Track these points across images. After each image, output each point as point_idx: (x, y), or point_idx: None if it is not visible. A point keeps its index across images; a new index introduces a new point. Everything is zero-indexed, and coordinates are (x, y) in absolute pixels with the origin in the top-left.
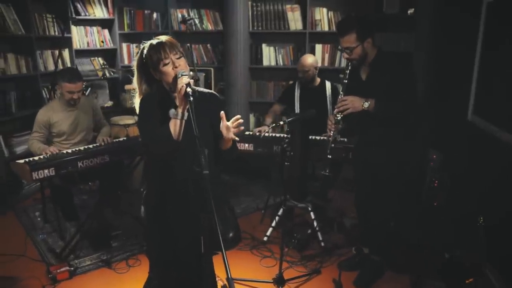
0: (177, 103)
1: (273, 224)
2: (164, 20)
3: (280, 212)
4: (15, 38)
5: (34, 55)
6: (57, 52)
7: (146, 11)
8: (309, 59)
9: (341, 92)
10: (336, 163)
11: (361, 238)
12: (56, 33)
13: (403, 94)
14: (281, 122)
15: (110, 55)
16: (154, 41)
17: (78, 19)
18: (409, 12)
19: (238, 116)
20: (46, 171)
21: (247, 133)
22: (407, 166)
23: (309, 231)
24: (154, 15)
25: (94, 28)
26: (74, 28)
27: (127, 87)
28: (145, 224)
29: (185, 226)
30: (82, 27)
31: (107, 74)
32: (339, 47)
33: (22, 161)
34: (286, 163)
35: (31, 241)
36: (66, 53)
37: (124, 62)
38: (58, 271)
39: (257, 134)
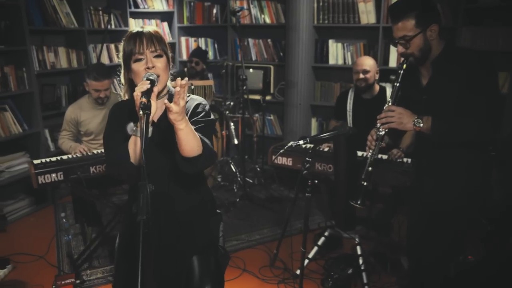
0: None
1: (311, 254)
2: (224, 12)
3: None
4: (67, 31)
5: (86, 48)
6: (112, 46)
7: (206, 3)
8: (370, 59)
9: (388, 99)
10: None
11: None
12: (113, 26)
13: (479, 107)
14: (301, 142)
15: None
16: (135, 30)
17: (137, 12)
18: None
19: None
20: (53, 175)
21: (292, 143)
22: (483, 202)
23: (350, 270)
24: (215, 7)
25: (153, 21)
26: (132, 21)
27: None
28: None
29: (155, 269)
30: (140, 20)
31: None
32: (392, 39)
33: (38, 161)
34: (307, 194)
35: (57, 242)
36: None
37: (183, 57)
38: (63, 282)
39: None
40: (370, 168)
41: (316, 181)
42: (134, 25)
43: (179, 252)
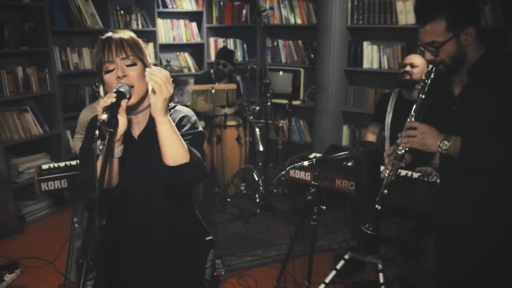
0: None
1: (328, 279)
2: (254, 12)
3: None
4: (93, 32)
5: None
6: None
7: (235, 3)
8: (421, 58)
9: (411, 113)
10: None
11: None
12: (140, 26)
13: None
14: (306, 163)
15: (197, 50)
16: (105, 35)
17: (165, 11)
18: None
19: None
20: (57, 182)
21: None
22: None
23: None
24: (245, 7)
25: (181, 21)
26: (159, 21)
27: (189, 87)
28: None
29: None
30: (168, 20)
31: (193, 70)
32: (419, 43)
33: (46, 166)
34: (313, 222)
35: (68, 247)
36: (150, 47)
37: (211, 58)
38: None
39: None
40: (386, 191)
41: (324, 207)
42: (162, 26)
43: (159, 284)
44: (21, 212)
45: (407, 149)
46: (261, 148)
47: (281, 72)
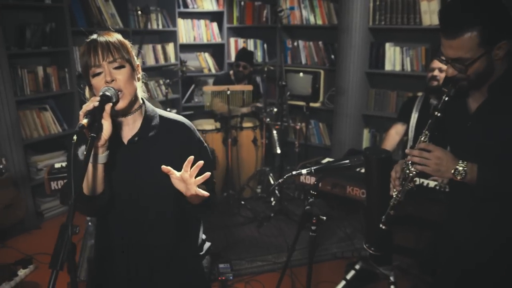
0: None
1: None
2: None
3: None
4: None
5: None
6: (159, 46)
7: (256, 3)
8: None
9: (424, 132)
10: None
11: None
12: (161, 26)
13: None
14: (304, 171)
15: (217, 51)
16: (90, 38)
17: (186, 12)
18: None
19: (191, 157)
20: (66, 181)
21: (294, 172)
22: None
23: None
24: (265, 7)
25: (202, 21)
26: (180, 21)
27: (206, 88)
28: None
29: None
30: (189, 20)
31: (214, 70)
32: (441, 56)
33: (58, 165)
34: (311, 234)
35: (82, 245)
36: (170, 47)
37: (231, 59)
38: None
39: None
40: (392, 212)
41: (324, 217)
42: (183, 26)
43: None
44: (39, 208)
45: (417, 171)
46: (278, 151)
47: (301, 74)
